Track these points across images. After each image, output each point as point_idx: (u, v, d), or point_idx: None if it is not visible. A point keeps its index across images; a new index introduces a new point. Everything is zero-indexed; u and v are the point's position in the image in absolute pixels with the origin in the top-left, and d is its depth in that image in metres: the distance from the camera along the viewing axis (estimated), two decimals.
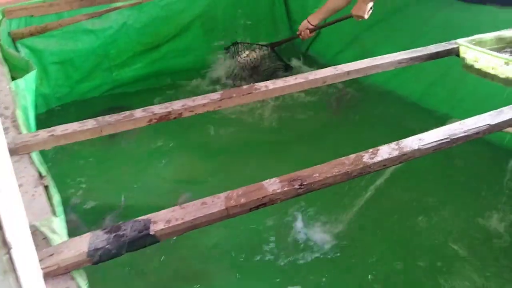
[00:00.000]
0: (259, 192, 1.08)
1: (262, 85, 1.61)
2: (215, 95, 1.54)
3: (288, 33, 4.03)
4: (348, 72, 1.67)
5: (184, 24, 3.55)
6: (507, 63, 1.55)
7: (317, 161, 1.18)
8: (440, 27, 2.86)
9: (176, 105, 1.46)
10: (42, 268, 0.90)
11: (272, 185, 1.10)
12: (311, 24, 3.06)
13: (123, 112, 1.43)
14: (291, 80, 1.64)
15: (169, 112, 1.44)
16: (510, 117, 1.33)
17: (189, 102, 1.49)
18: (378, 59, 1.74)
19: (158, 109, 1.44)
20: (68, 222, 1.24)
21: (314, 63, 3.73)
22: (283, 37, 3.90)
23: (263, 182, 1.11)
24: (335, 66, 1.70)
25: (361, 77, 1.80)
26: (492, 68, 1.60)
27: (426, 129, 1.29)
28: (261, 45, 3.65)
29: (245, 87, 1.60)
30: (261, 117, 3.11)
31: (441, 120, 2.33)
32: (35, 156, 1.41)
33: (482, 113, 1.37)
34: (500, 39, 1.78)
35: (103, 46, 3.30)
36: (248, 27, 3.87)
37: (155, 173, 2.61)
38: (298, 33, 3.17)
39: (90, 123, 1.41)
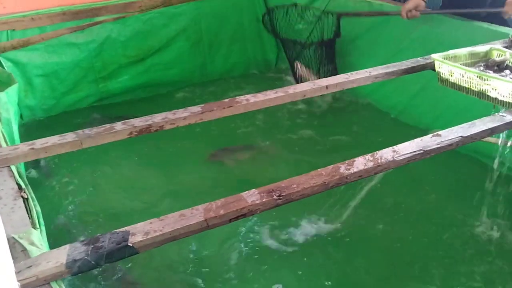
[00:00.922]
0: (238, 204, 1.09)
1: (243, 99, 1.63)
2: (196, 108, 1.55)
3: (275, 45, 4.09)
4: (327, 87, 1.70)
5: (168, 38, 3.60)
6: (479, 77, 1.61)
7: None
8: (420, 41, 2.93)
9: (157, 118, 1.48)
10: (19, 280, 0.90)
11: (251, 196, 1.12)
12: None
13: (103, 125, 1.44)
14: (271, 94, 1.67)
15: (150, 125, 1.45)
16: (481, 129, 1.38)
17: (170, 115, 1.50)
18: (354, 74, 1.78)
19: (138, 122, 1.46)
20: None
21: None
22: (271, 52, 4.03)
23: (242, 194, 1.13)
24: (313, 81, 1.74)
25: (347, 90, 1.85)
26: (466, 82, 1.66)
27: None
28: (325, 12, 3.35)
29: (226, 100, 1.62)
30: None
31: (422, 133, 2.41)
32: (15, 168, 1.41)
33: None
34: (473, 54, 1.84)
35: (87, 59, 3.33)
36: (234, 40, 3.92)
37: None
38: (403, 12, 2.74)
39: (70, 136, 1.41)
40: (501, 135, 2.00)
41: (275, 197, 1.12)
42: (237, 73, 4.02)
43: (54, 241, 1.36)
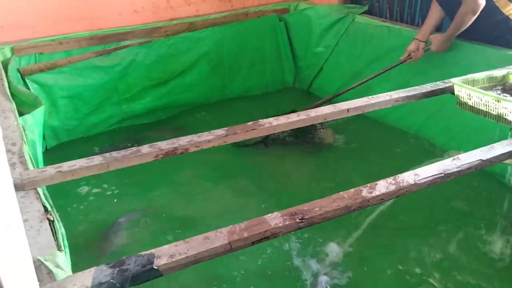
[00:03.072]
0: (261, 226, 1.11)
1: (266, 122, 1.66)
2: (220, 131, 1.58)
3: (293, 69, 4.15)
4: (348, 110, 1.72)
5: (190, 62, 3.66)
6: (497, 101, 1.62)
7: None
8: (437, 65, 2.95)
9: (183, 141, 1.51)
10: None
11: (274, 219, 1.13)
12: (422, 41, 2.96)
13: (130, 148, 1.48)
14: (294, 117, 1.69)
15: (176, 148, 1.48)
16: (500, 153, 1.39)
17: (195, 138, 1.53)
18: (375, 98, 1.80)
19: (165, 145, 1.49)
20: None
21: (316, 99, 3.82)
22: (289, 73, 4.07)
23: (265, 217, 1.14)
24: (335, 105, 1.75)
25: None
26: (484, 105, 1.66)
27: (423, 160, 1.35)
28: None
29: (249, 123, 1.65)
30: None
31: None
32: (41, 191, 1.44)
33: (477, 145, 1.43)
34: (491, 78, 1.86)
35: (112, 81, 3.39)
36: (253, 64, 3.98)
37: None
38: (406, 55, 2.99)
39: (97, 159, 1.44)
40: None
41: (297, 220, 1.13)
42: (255, 94, 4.07)
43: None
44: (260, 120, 1.67)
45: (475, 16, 2.58)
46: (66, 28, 3.25)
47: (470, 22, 2.62)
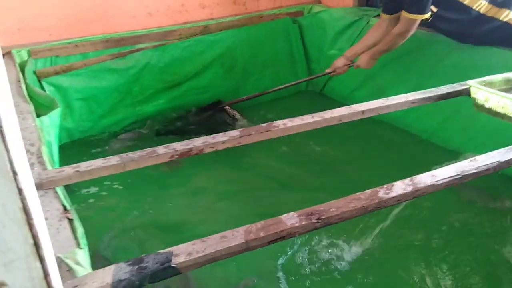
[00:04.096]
0: (278, 226, 1.11)
1: (280, 123, 1.66)
2: (235, 133, 1.59)
3: (306, 71, 4.14)
4: (363, 112, 1.71)
5: (204, 64, 3.68)
6: None
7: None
8: (450, 68, 2.93)
9: (197, 142, 1.52)
10: None
11: (291, 219, 1.13)
12: (349, 60, 3.11)
13: (146, 149, 1.49)
14: (308, 119, 1.69)
15: (190, 149, 1.49)
16: None
17: (210, 139, 1.54)
18: (391, 99, 1.79)
19: (180, 146, 1.50)
20: None
21: (329, 101, 3.82)
22: (302, 76, 4.05)
23: (282, 217, 1.14)
24: (350, 106, 1.74)
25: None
26: (502, 108, 1.65)
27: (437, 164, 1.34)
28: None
29: (263, 125, 1.65)
30: None
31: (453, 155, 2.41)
32: (60, 190, 1.46)
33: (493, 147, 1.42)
34: (508, 80, 1.84)
35: (126, 84, 3.42)
36: (266, 66, 3.99)
37: None
38: (332, 69, 3.19)
39: (114, 160, 1.46)
40: None
41: (314, 220, 1.13)
42: (268, 96, 4.06)
43: None
44: (274, 121, 1.68)
45: (404, 40, 2.75)
46: (81, 31, 3.29)
47: (400, 44, 2.77)
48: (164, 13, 3.59)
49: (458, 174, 1.28)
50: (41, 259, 0.59)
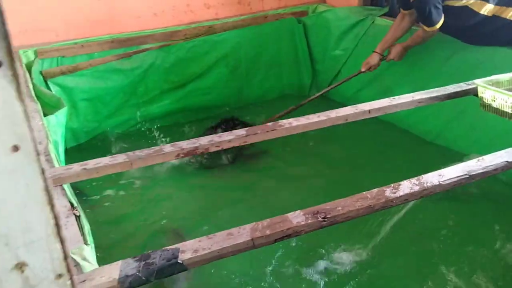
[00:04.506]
0: (284, 224, 1.11)
1: (285, 122, 1.66)
2: (241, 131, 1.59)
3: (310, 72, 4.13)
4: (369, 111, 1.71)
5: (208, 65, 3.69)
6: None
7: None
8: (456, 68, 2.92)
9: (203, 141, 1.52)
10: None
11: (297, 218, 1.13)
12: (380, 54, 3.16)
13: (153, 147, 1.50)
14: (314, 118, 1.68)
15: (196, 147, 1.49)
16: None
17: (216, 138, 1.54)
18: (397, 99, 1.78)
19: (186, 144, 1.50)
20: None
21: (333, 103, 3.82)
22: (306, 76, 4.06)
23: (288, 215, 1.14)
24: (356, 105, 1.74)
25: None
26: (510, 107, 1.64)
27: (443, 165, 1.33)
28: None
29: (269, 124, 1.66)
30: None
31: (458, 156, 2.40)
32: (67, 187, 1.47)
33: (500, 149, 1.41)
34: None
35: (132, 84, 3.44)
36: (271, 66, 3.99)
37: None
38: (367, 68, 3.20)
39: (120, 157, 1.46)
40: None
41: (320, 218, 1.13)
42: (272, 97, 4.09)
43: None
44: (280, 120, 1.68)
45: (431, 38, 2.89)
46: (87, 32, 3.32)
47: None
48: (169, 13, 3.60)
49: (465, 174, 1.28)
50: (62, 240, 0.59)
